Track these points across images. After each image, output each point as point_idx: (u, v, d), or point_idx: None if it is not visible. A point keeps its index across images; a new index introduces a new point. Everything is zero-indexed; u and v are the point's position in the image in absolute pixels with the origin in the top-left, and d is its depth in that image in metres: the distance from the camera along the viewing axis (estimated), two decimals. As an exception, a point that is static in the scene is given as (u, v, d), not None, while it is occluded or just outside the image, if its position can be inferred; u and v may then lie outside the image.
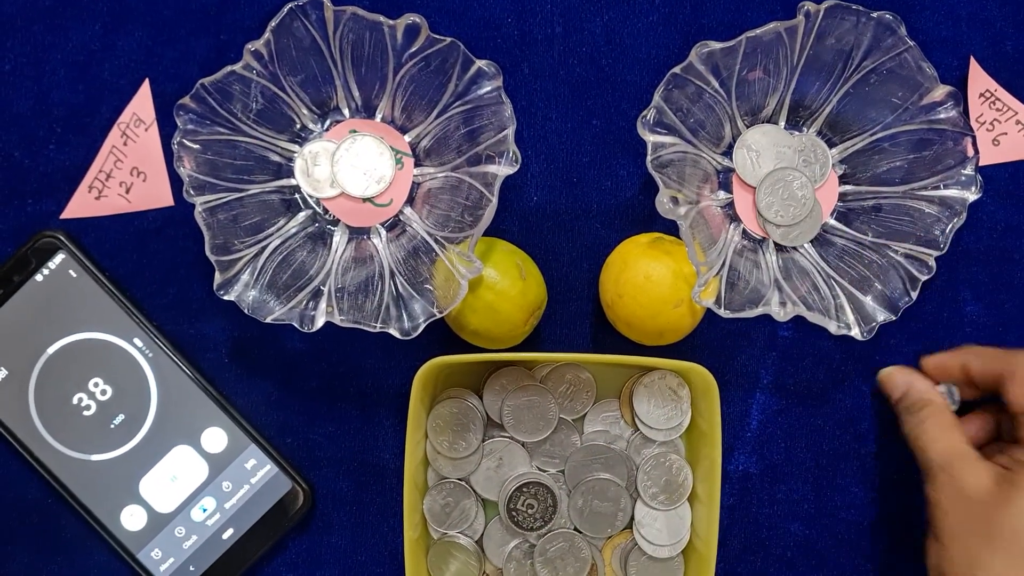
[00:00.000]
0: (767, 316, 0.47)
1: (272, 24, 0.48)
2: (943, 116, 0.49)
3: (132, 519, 0.53)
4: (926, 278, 0.49)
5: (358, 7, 0.47)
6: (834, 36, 0.48)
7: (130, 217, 0.54)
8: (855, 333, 0.48)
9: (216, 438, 0.53)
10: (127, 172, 0.54)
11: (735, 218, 0.50)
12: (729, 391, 0.54)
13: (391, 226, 0.51)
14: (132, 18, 0.54)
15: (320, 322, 0.48)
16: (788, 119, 0.51)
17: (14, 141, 0.54)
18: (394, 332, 0.47)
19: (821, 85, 0.50)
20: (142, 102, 0.54)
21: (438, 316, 0.47)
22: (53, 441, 0.53)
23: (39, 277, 0.53)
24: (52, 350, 0.53)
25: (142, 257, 0.54)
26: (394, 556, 0.54)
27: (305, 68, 0.49)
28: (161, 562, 0.53)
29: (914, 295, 0.48)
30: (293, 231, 0.50)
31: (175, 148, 0.48)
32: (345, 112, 0.51)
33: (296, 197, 0.51)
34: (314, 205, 0.51)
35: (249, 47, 0.48)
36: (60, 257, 0.53)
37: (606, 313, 0.52)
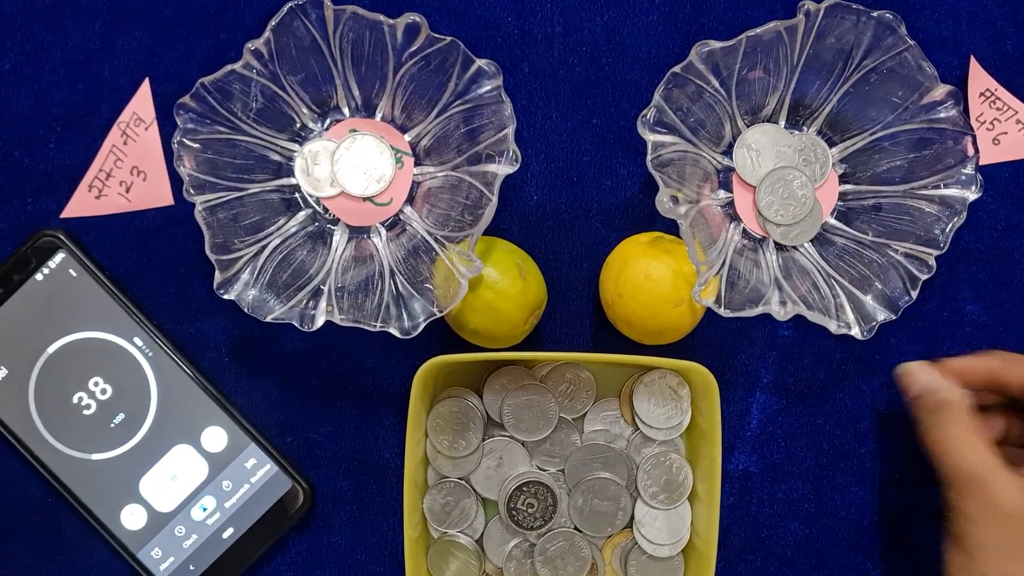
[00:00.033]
0: (767, 315, 0.47)
1: (272, 23, 0.48)
2: (943, 115, 0.49)
3: (132, 518, 0.53)
4: (926, 277, 0.49)
5: (358, 6, 0.47)
6: (834, 35, 0.48)
7: (130, 216, 0.54)
8: (855, 332, 0.48)
9: (216, 437, 0.53)
10: (127, 171, 0.54)
11: (735, 217, 0.50)
12: (729, 390, 0.54)
13: (391, 225, 0.51)
14: (132, 17, 0.54)
15: (320, 321, 0.48)
16: (788, 118, 0.51)
17: (14, 140, 0.54)
18: (394, 331, 0.47)
19: (821, 84, 0.50)
20: (142, 101, 0.54)
21: (438, 315, 0.47)
22: (53, 440, 0.53)
23: (39, 276, 0.53)
24: (52, 349, 0.53)
25: (142, 256, 0.54)
26: (394, 555, 0.54)
27: (305, 67, 0.49)
28: (161, 561, 0.53)
29: (914, 294, 0.48)
30: (293, 230, 0.50)
31: (175, 147, 0.48)
32: (345, 111, 0.51)
33: (296, 196, 0.51)
34: (314, 204, 0.51)
35: (249, 46, 0.48)
36: (60, 256, 0.53)
37: (606, 312, 0.52)
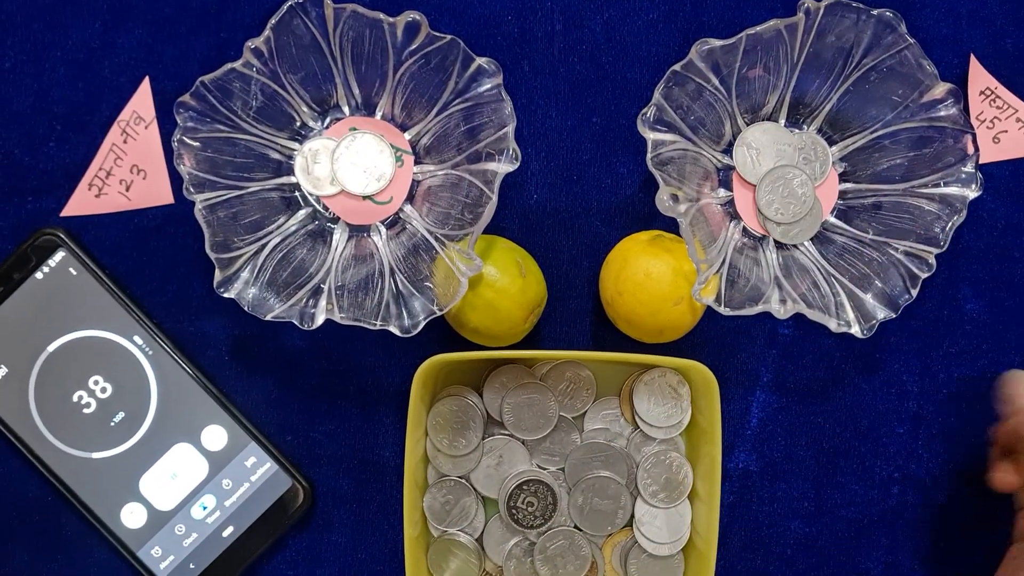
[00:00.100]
0: (767, 314, 0.47)
1: (272, 21, 0.48)
2: (943, 114, 0.49)
3: (132, 517, 0.53)
4: (926, 276, 0.49)
5: (358, 5, 0.47)
6: (834, 33, 0.48)
7: (130, 215, 0.54)
8: (855, 331, 0.48)
9: (216, 436, 0.53)
10: (127, 170, 0.54)
11: (735, 216, 0.50)
12: (729, 388, 0.54)
13: (391, 224, 0.51)
14: (132, 16, 0.54)
15: (320, 320, 0.48)
16: (788, 117, 0.51)
17: (14, 139, 0.54)
18: (394, 330, 0.47)
19: (821, 83, 0.50)
20: (142, 100, 0.54)
21: (438, 314, 0.47)
22: (53, 439, 0.53)
23: (39, 275, 0.53)
24: (52, 348, 0.53)
25: (142, 255, 0.54)
26: (394, 554, 0.54)
27: (305, 65, 0.49)
28: (161, 560, 0.53)
29: (914, 293, 0.48)
30: (293, 229, 0.50)
31: (175, 146, 0.48)
32: (345, 110, 0.51)
33: (296, 195, 0.51)
34: (314, 203, 0.51)
35: (249, 44, 0.48)
36: (60, 255, 0.53)
37: (606, 311, 0.52)
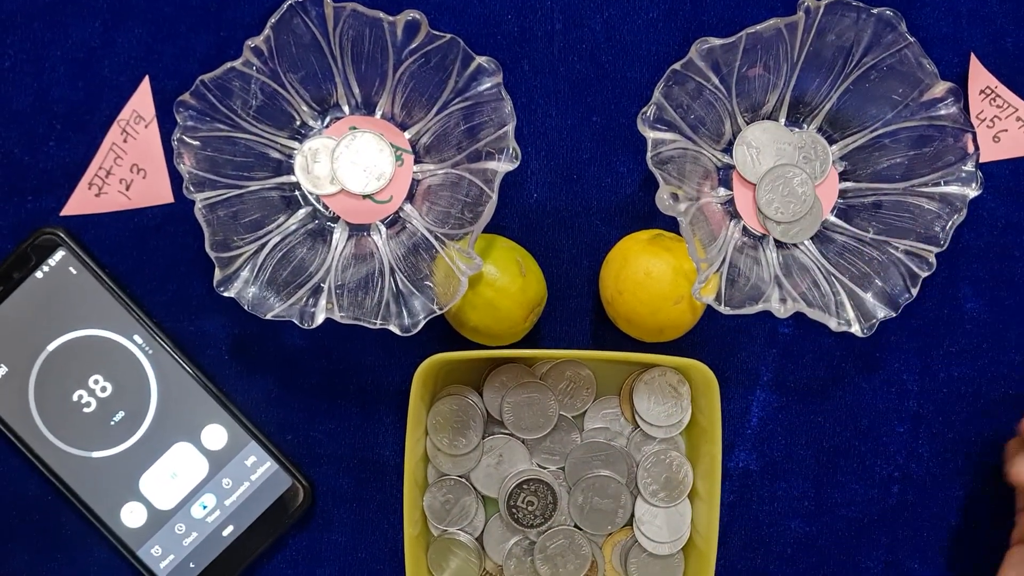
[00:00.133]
0: (767, 313, 0.47)
1: (272, 20, 0.48)
2: (943, 112, 0.49)
3: (132, 516, 0.53)
4: (926, 275, 0.49)
5: (358, 3, 0.47)
6: (834, 32, 0.48)
7: (130, 214, 0.54)
8: (855, 330, 0.48)
9: (216, 435, 0.53)
10: (127, 169, 0.54)
11: (735, 215, 0.50)
12: (729, 388, 0.54)
13: (391, 223, 0.51)
14: (132, 15, 0.54)
15: (320, 319, 0.48)
16: (788, 116, 0.51)
17: (14, 138, 0.54)
18: (394, 329, 0.47)
19: (821, 81, 0.50)
20: (142, 99, 0.54)
21: (438, 313, 0.47)
22: (53, 438, 0.53)
23: (39, 274, 0.53)
24: (52, 347, 0.53)
25: (142, 254, 0.54)
26: (394, 553, 0.54)
27: (305, 65, 0.49)
28: (161, 559, 0.53)
29: (914, 292, 0.48)
30: (293, 228, 0.50)
31: (175, 145, 0.48)
32: (345, 109, 0.51)
33: (296, 194, 0.51)
34: (314, 202, 0.51)
35: (249, 43, 0.48)
36: (60, 254, 0.53)
37: (606, 310, 0.52)
